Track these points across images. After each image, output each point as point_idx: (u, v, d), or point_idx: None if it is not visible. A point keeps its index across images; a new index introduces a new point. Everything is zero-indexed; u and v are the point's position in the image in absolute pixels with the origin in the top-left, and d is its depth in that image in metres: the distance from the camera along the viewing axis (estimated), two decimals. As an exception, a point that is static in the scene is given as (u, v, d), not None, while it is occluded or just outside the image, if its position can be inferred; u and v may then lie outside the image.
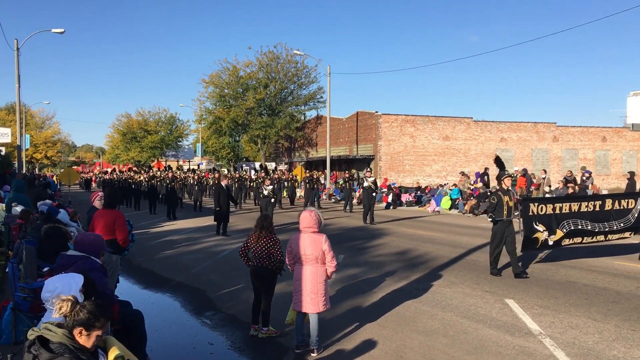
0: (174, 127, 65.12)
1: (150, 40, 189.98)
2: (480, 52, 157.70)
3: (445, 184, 28.95)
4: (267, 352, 5.79)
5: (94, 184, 50.64)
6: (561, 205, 9.86)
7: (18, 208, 10.54)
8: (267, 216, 6.46)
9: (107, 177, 39.20)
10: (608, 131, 42.29)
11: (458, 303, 7.65)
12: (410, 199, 27.25)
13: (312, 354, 5.58)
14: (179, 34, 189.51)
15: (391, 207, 25.90)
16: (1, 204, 12.39)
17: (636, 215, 10.31)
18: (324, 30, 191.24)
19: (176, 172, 31.17)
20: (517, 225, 9.62)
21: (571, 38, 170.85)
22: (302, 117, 46.75)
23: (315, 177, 26.55)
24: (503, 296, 8.02)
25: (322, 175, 33.08)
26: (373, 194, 18.64)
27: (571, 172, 23.39)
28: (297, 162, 42.82)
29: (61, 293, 3.42)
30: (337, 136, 40.40)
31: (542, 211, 9.65)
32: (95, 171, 63.94)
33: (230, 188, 19.73)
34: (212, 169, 37.53)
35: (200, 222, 19.06)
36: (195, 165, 61.99)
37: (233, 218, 18.46)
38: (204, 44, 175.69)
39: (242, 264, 6.76)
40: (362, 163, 35.63)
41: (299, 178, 30.76)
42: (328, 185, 33.66)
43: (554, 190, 22.86)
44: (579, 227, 9.85)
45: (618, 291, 8.28)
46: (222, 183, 16.24)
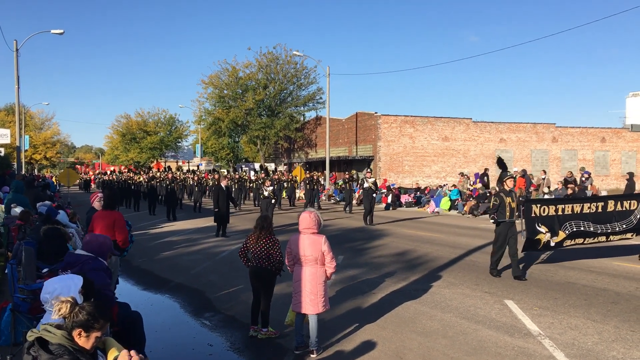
0: (174, 128, 65.07)
1: (150, 40, 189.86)
2: (479, 53, 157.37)
3: (444, 185, 28.94)
4: (267, 353, 5.80)
5: (94, 185, 50.60)
6: (564, 206, 9.84)
7: (17, 209, 10.53)
8: (267, 217, 6.47)
9: (107, 178, 39.15)
10: (607, 132, 42.34)
11: (457, 304, 7.66)
12: (409, 200, 27.25)
13: (312, 355, 5.58)
14: (179, 34, 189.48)
15: (390, 208, 25.89)
16: (0, 205, 12.38)
17: (638, 216, 10.30)
18: (324, 31, 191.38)
19: (176, 173, 31.14)
20: (519, 226, 9.63)
21: (570, 39, 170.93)
22: (302, 118, 46.71)
23: (315, 178, 26.54)
24: (502, 297, 8.03)
25: (322, 176, 33.07)
26: (373, 195, 18.65)
27: (571, 173, 23.40)
28: (297, 163, 42.82)
29: (60, 294, 3.42)
30: (337, 137, 40.39)
31: (545, 213, 9.63)
32: (90, 173, 63.79)
33: (229, 189, 19.71)
34: (212, 170, 37.50)
35: (199, 223, 19.05)
36: (194, 166, 61.92)
37: (233, 219, 18.45)
38: (204, 44, 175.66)
39: (242, 265, 6.76)
40: (362, 164, 35.64)
41: (299, 179, 30.75)
42: (327, 186, 33.65)
43: (553, 191, 22.89)
44: (582, 229, 9.83)
45: (617, 292, 8.28)
46: (222, 184, 16.23)
